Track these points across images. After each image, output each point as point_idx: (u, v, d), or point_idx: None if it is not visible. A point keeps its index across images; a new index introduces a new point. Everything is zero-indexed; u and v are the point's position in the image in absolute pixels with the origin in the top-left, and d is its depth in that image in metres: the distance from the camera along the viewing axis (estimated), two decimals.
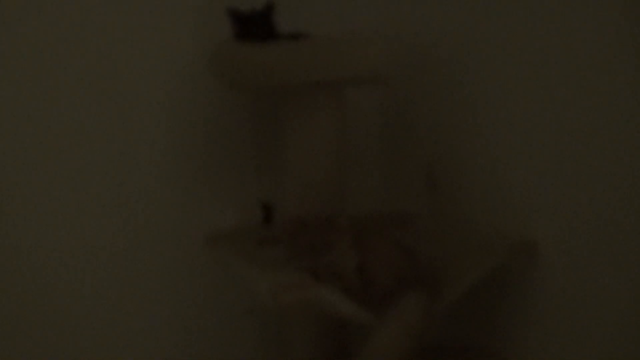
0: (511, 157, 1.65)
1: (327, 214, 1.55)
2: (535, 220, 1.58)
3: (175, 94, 1.88)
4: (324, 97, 1.67)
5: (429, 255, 1.58)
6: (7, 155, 1.74)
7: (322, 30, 1.76)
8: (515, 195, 1.64)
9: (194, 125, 1.91)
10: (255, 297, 1.85)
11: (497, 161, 1.69)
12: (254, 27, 1.65)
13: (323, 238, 1.50)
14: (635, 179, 1.34)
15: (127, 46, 1.82)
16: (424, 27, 1.89)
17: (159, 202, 1.89)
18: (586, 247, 1.46)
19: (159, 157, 1.88)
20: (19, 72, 1.74)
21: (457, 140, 1.82)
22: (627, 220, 1.36)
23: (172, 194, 1.91)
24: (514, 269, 1.61)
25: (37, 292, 1.80)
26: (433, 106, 1.90)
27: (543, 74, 1.53)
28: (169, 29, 1.86)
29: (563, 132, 1.49)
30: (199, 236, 1.81)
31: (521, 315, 1.64)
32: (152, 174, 1.88)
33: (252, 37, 1.65)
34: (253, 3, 1.76)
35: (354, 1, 2.01)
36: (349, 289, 1.42)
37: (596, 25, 1.39)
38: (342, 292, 1.40)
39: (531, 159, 1.59)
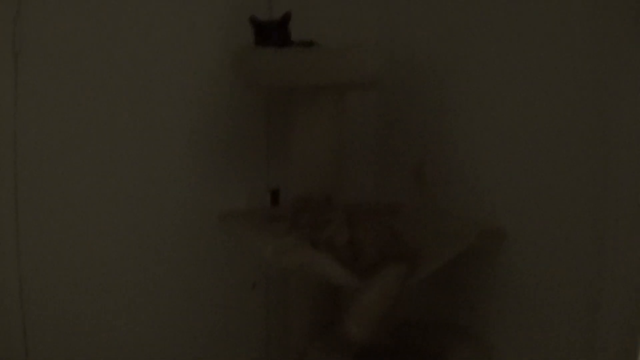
0: (486, 156, 1.74)
1: (326, 195, 1.67)
2: (504, 209, 1.67)
3: (198, 93, 1.99)
4: (327, 98, 1.77)
5: (411, 236, 1.67)
6: (51, 141, 1.84)
7: (328, 37, 1.85)
8: (488, 188, 1.73)
9: (213, 119, 2.02)
10: (261, 263, 1.95)
11: (473, 159, 1.78)
12: (271, 35, 1.75)
13: (322, 215, 1.61)
14: (587, 174, 1.44)
15: (161, 49, 1.93)
16: (416, 39, 1.98)
17: (180, 185, 2.00)
18: (547, 233, 1.55)
19: (182, 147, 2.00)
20: (68, 73, 1.83)
21: (441, 139, 1.89)
22: (582, 209, 1.45)
23: (192, 178, 2.02)
24: (484, 252, 1.69)
25: (66, 267, 1.90)
26: (421, 109, 1.98)
27: (513, 84, 1.63)
28: (197, 34, 1.96)
29: (528, 135, 1.59)
30: (213, 216, 1.92)
31: (489, 293, 1.72)
32: (175, 161, 1.99)
33: (269, 43, 1.74)
34: (272, 13, 1.91)
35: (355, 14, 2.11)
36: (341, 258, 1.54)
37: (563, 37, 1.48)
38: (335, 260, 1.52)
39: (502, 159, 1.68)
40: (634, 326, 1.33)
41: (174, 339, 2.05)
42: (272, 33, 1.77)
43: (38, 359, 1.87)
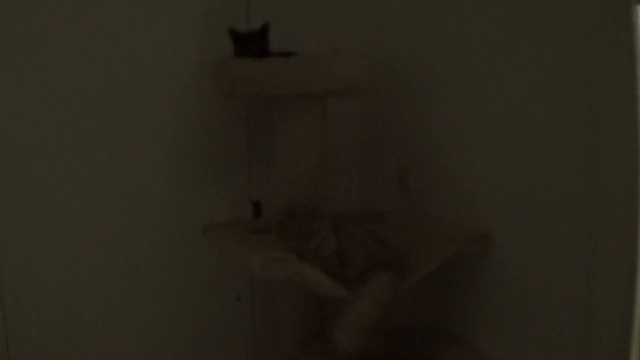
0: (470, 161, 1.74)
1: (312, 205, 1.65)
2: (490, 215, 1.67)
3: (178, 104, 1.98)
4: (309, 107, 1.77)
5: (398, 243, 1.67)
6: (30, 147, 1.82)
7: (307, 47, 1.86)
8: (473, 193, 1.73)
9: (194, 130, 2.02)
10: (247, 275, 1.94)
11: (458, 164, 1.78)
12: (250, 45, 1.75)
13: (308, 225, 1.59)
14: (575, 177, 1.44)
15: (140, 59, 1.93)
16: (396, 46, 1.99)
17: (161, 197, 2.00)
18: (533, 238, 1.56)
19: (162, 158, 1.99)
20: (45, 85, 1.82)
21: (424, 145, 1.90)
22: (571, 212, 1.46)
23: (173, 190, 2.02)
24: (471, 258, 1.69)
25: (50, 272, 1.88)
26: (404, 116, 1.98)
27: (497, 88, 1.63)
28: (176, 45, 1.96)
29: (514, 139, 1.59)
30: (195, 228, 1.92)
31: (478, 298, 1.72)
32: (155, 173, 1.99)
33: (249, 55, 1.75)
34: (249, 24, 1.93)
35: (334, 24, 2.13)
36: (328, 269, 1.54)
37: (547, 42, 1.48)
38: (323, 271, 1.51)
39: (487, 163, 1.68)
40: (626, 330, 1.33)
41: (158, 351, 2.04)
42: (251, 44, 1.78)
43: None
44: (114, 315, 1.98)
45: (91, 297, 1.94)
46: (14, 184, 1.83)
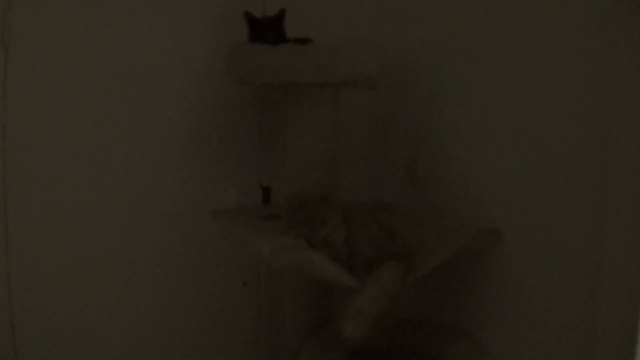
0: (480, 155, 1.74)
1: (322, 194, 1.66)
2: (498, 210, 1.67)
3: (190, 89, 1.98)
4: (322, 96, 1.77)
5: (407, 235, 1.67)
6: (40, 136, 1.83)
7: (320, 38, 1.85)
8: (482, 187, 1.73)
9: (205, 115, 2.02)
10: (254, 261, 1.95)
11: (468, 158, 1.78)
12: (266, 31, 1.75)
13: (318, 213, 1.60)
14: (584, 172, 1.45)
15: (153, 44, 1.93)
16: (409, 39, 1.99)
17: (171, 182, 2.01)
18: (540, 234, 1.56)
19: (173, 143, 2.00)
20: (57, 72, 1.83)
21: (435, 138, 1.90)
22: (579, 208, 1.46)
23: (183, 175, 2.02)
24: (480, 251, 1.69)
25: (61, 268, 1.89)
26: (414, 108, 1.99)
27: (507, 82, 1.63)
28: (190, 30, 1.97)
29: (524, 133, 1.59)
30: (204, 212, 1.91)
31: (485, 292, 1.72)
32: (166, 158, 1.99)
33: (264, 40, 1.75)
34: (265, 10, 1.93)
35: (349, 13, 2.13)
36: (337, 257, 1.53)
37: (559, 35, 1.49)
38: (332, 259, 1.52)
39: (496, 158, 1.68)
40: (631, 325, 1.33)
41: (164, 336, 2.05)
42: (267, 30, 1.77)
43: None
44: (119, 301, 1.98)
45: (96, 283, 1.95)
46: (21, 163, 1.83)
